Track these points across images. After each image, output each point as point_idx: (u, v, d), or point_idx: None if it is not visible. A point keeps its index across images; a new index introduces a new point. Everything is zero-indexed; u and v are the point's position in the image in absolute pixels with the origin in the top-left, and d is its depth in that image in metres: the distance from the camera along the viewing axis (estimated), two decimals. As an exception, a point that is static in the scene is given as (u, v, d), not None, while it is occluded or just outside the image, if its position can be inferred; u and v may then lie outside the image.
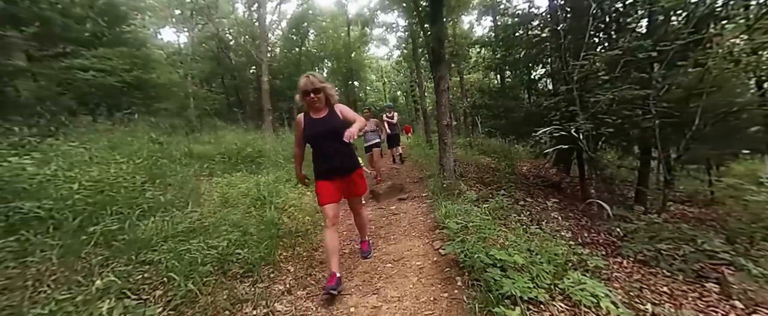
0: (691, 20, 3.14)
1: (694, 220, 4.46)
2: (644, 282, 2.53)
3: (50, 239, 2.19)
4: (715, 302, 2.32)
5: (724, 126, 4.23)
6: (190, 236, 2.70)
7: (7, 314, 1.64)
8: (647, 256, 2.91)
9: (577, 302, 1.97)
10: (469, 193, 4.20)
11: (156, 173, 3.85)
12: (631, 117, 3.30)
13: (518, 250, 2.41)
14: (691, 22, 3.10)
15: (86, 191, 2.71)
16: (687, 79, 3.86)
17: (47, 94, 4.97)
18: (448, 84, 4.89)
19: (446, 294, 2.26)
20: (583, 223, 4.20)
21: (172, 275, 2.18)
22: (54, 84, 5.24)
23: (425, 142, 10.91)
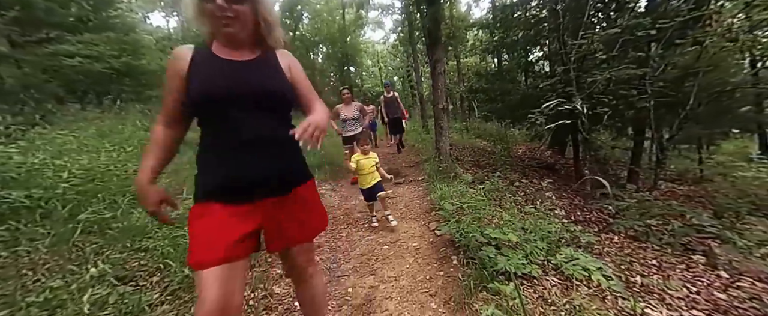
0: (690, -1, 3.09)
1: (683, 197, 4.55)
2: (634, 256, 2.59)
3: (41, 228, 2.17)
4: (701, 272, 2.38)
5: (717, 106, 4.26)
6: (185, 222, 2.68)
7: (0, 303, 1.63)
8: (638, 231, 2.97)
9: (570, 276, 2.01)
10: (464, 175, 4.22)
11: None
12: (627, 97, 3.29)
13: (513, 228, 2.44)
14: (690, 0, 3.06)
15: (76, 179, 2.67)
16: (683, 59, 3.84)
17: (33, 81, 4.82)
18: (444, 67, 4.82)
19: (442, 273, 2.30)
20: (576, 202, 4.25)
21: (168, 262, 2.18)
22: (39, 71, 5.07)
23: (421, 127, 10.87)
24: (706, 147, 6.33)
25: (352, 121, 4.56)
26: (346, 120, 4.55)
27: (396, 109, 6.63)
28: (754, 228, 3.21)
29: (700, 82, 3.61)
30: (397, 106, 6.61)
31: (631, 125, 4.86)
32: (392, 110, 6.67)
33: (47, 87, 5.05)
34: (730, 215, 3.57)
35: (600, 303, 1.82)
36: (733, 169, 5.57)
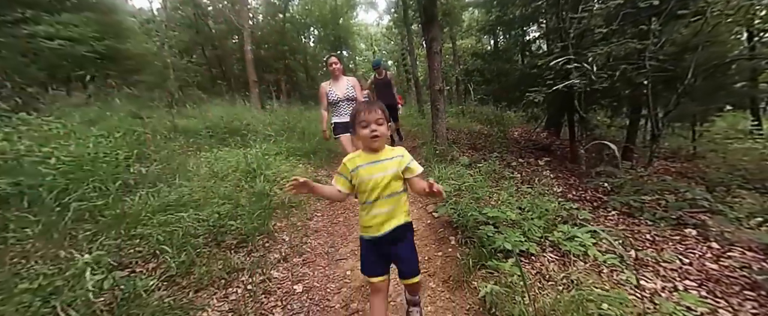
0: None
1: (676, 174, 4.62)
2: (628, 231, 2.63)
3: (30, 216, 2.12)
4: (693, 244, 2.43)
5: (713, 81, 4.25)
6: (180, 209, 2.66)
7: (-6, 290, 1.61)
8: (632, 208, 3.00)
9: (567, 252, 2.03)
10: (461, 158, 4.21)
11: (139, 148, 3.72)
12: (625, 73, 3.25)
13: (510, 208, 2.45)
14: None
15: (65, 166, 2.60)
16: (682, 34, 3.78)
17: (12, 64, 4.61)
18: (440, 46, 4.69)
19: (440, 253, 2.31)
20: (571, 182, 4.28)
21: (164, 248, 2.16)
22: (18, 54, 4.85)
23: (417, 112, 10.78)
24: (699, 124, 6.38)
25: (345, 103, 3.37)
26: (336, 102, 3.36)
27: (389, 95, 5.36)
28: (744, 201, 3.29)
29: (698, 56, 3.57)
30: (390, 91, 5.42)
31: (627, 104, 4.84)
32: (385, 95, 5.32)
33: (29, 71, 4.84)
34: (721, 190, 3.66)
35: (596, 277, 1.84)
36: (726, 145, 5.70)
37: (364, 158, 1.33)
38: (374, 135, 1.28)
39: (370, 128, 1.28)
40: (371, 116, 1.28)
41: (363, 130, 1.29)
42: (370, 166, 1.31)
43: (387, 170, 1.31)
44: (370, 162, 1.31)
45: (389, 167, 1.31)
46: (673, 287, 1.89)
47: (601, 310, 1.52)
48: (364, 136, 1.29)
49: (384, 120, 1.30)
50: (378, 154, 1.33)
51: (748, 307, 1.73)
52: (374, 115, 1.28)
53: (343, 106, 3.45)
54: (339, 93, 3.40)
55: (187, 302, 1.79)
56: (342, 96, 3.40)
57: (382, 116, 1.30)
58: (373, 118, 1.28)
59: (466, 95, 12.65)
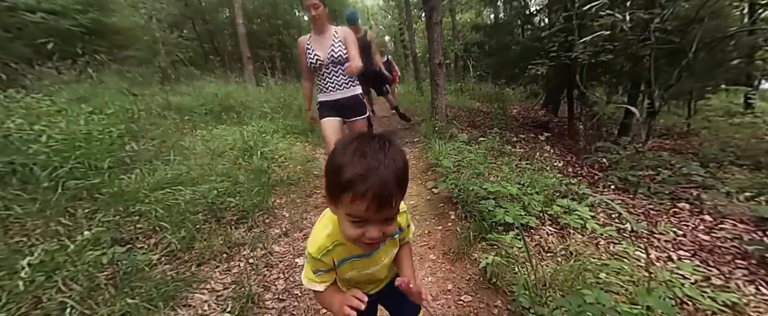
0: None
1: (671, 150, 4.67)
2: (624, 205, 2.67)
3: (25, 194, 2.09)
4: (687, 217, 2.49)
5: (712, 58, 4.21)
6: (178, 187, 2.64)
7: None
8: (628, 183, 3.04)
9: (566, 225, 2.06)
10: (461, 135, 4.18)
11: (133, 125, 3.65)
12: (630, 45, 3.17)
13: (510, 183, 2.46)
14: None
15: (57, 144, 2.55)
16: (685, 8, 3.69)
17: (-5, 41, 4.42)
18: (440, 17, 4.51)
19: (440, 227, 2.34)
20: (568, 158, 4.30)
21: (164, 224, 2.16)
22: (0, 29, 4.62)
23: (416, 89, 10.61)
24: (695, 101, 6.41)
25: (332, 69, 2.35)
26: (317, 67, 2.34)
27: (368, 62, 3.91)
28: (735, 176, 3.35)
29: (703, 28, 3.50)
30: (370, 58, 4.16)
31: (627, 79, 4.79)
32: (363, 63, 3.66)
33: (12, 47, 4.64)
34: (713, 166, 3.72)
35: (594, 249, 1.88)
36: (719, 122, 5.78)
37: (347, 249, 0.74)
38: (371, 243, 0.63)
39: (364, 231, 0.60)
40: (375, 214, 0.57)
41: (349, 224, 0.61)
42: (359, 260, 0.78)
43: (384, 260, 0.81)
44: (358, 255, 0.76)
45: (387, 254, 0.81)
46: (668, 257, 1.94)
47: (599, 279, 1.55)
48: (348, 234, 0.63)
49: (399, 203, 0.62)
50: None
51: (738, 275, 1.78)
52: (384, 211, 0.57)
53: (328, 75, 2.34)
54: (320, 53, 2.28)
55: (189, 275, 1.81)
56: (325, 58, 2.28)
57: (398, 203, 0.60)
58: (378, 217, 0.58)
59: (465, 72, 12.42)
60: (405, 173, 0.60)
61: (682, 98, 6.04)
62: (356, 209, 0.56)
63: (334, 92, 2.43)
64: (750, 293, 1.63)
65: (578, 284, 1.50)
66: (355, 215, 0.58)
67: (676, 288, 1.52)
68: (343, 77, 2.43)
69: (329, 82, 2.40)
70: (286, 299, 1.73)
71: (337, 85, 2.42)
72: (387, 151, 0.57)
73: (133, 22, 6.77)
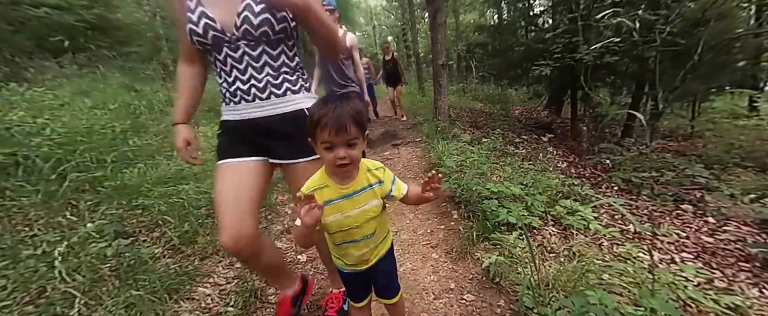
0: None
1: (674, 152, 4.66)
2: (628, 207, 2.66)
3: (28, 185, 2.10)
4: (690, 219, 2.48)
5: (717, 60, 4.20)
6: (181, 181, 2.64)
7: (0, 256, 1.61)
8: (631, 184, 3.04)
9: (569, 225, 2.05)
10: (463, 135, 4.18)
11: (135, 121, 3.65)
12: (635, 46, 3.17)
13: (513, 183, 2.45)
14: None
15: (60, 137, 2.55)
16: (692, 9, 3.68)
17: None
18: (444, 18, 4.51)
19: (443, 226, 2.33)
20: (571, 160, 4.30)
21: (167, 218, 2.17)
22: (3, 22, 4.63)
23: (418, 90, 10.61)
24: (699, 103, 6.38)
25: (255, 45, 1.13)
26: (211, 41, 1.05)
27: None
28: (739, 179, 3.34)
29: (708, 31, 3.49)
30: None
31: (631, 81, 4.78)
32: None
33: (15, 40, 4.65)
34: (717, 168, 3.71)
35: (597, 250, 1.87)
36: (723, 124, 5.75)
37: (332, 190, 0.89)
38: (342, 163, 0.81)
39: (334, 153, 0.80)
40: (337, 137, 0.78)
41: (325, 152, 0.82)
42: (341, 202, 0.89)
43: (364, 205, 0.91)
44: (340, 197, 0.89)
45: (367, 200, 0.92)
46: (671, 259, 1.93)
47: (602, 280, 1.55)
48: (328, 162, 0.83)
49: (360, 136, 0.82)
50: (350, 184, 0.89)
51: (742, 277, 1.78)
52: (343, 135, 0.78)
53: None
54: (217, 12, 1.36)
55: (192, 269, 1.81)
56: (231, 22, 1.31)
57: (357, 133, 0.80)
58: (340, 140, 0.79)
59: (468, 72, 12.44)
60: (358, 113, 0.82)
61: (686, 100, 6.02)
62: (324, 136, 0.79)
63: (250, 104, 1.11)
64: (754, 296, 1.63)
65: (581, 284, 1.49)
66: (325, 140, 0.79)
67: (679, 290, 1.51)
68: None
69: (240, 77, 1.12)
70: (288, 295, 1.73)
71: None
72: (344, 101, 0.82)
73: (137, 18, 6.77)
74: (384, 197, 0.95)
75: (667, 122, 6.52)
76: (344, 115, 0.79)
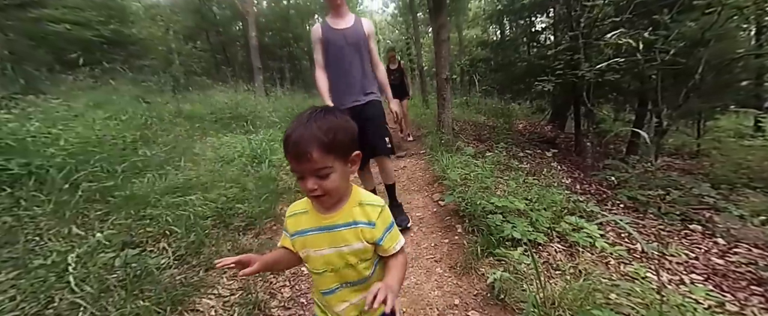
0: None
1: (680, 170, 4.62)
2: (634, 225, 2.63)
3: (41, 195, 2.14)
4: (699, 239, 2.45)
5: (719, 79, 4.22)
6: (188, 192, 2.68)
7: (9, 266, 1.64)
8: (637, 202, 3.01)
9: (574, 242, 2.04)
10: (467, 148, 4.20)
11: (146, 132, 3.74)
12: (636, 65, 3.21)
13: (517, 198, 2.45)
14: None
15: (73, 147, 2.62)
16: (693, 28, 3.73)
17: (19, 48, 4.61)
18: (448, 34, 4.61)
19: (447, 240, 2.33)
20: (575, 175, 4.28)
21: (174, 228, 2.19)
22: (25, 37, 4.84)
23: (422, 102, 10.70)
24: (704, 122, 6.36)
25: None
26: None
27: None
28: (748, 200, 3.29)
29: (709, 51, 3.53)
30: None
31: (634, 98, 4.80)
32: None
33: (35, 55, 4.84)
34: (725, 188, 3.66)
35: (603, 268, 1.85)
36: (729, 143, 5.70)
37: (311, 218, 0.76)
38: (314, 195, 0.68)
39: (303, 184, 0.67)
40: (299, 165, 0.65)
41: (299, 183, 0.70)
42: (316, 235, 0.75)
43: (342, 245, 0.74)
44: (318, 228, 0.75)
45: (347, 241, 0.74)
46: (680, 280, 1.90)
47: (609, 300, 1.53)
48: (304, 191, 0.70)
49: (335, 162, 0.67)
50: (332, 215, 0.75)
51: (755, 302, 1.74)
52: (305, 163, 0.64)
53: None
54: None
55: (197, 280, 1.82)
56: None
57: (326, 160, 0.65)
58: (305, 169, 0.65)
59: (471, 86, 12.57)
60: (328, 132, 0.66)
61: (690, 118, 6.02)
62: (290, 164, 0.68)
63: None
64: (766, 319, 1.59)
65: (588, 304, 1.47)
66: (292, 169, 0.69)
67: (689, 313, 1.49)
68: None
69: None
70: (291, 307, 1.73)
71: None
72: (313, 117, 0.67)
73: (151, 33, 7.02)
74: (372, 243, 0.75)
75: (672, 140, 6.49)
76: (306, 138, 0.63)
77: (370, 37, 2.15)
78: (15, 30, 4.67)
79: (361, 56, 2.12)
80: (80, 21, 5.36)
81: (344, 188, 0.74)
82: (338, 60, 2.09)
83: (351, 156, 0.72)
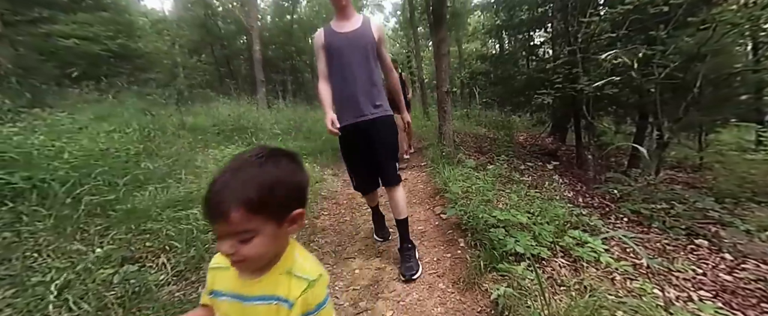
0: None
1: (684, 184, 4.59)
2: (639, 240, 2.60)
3: (42, 209, 2.14)
4: (705, 255, 2.41)
5: (719, 92, 4.24)
6: (189, 205, 2.67)
7: (7, 283, 1.62)
8: (641, 216, 2.98)
9: (578, 257, 2.01)
10: (468, 161, 4.20)
11: (149, 144, 3.76)
12: (633, 79, 3.24)
13: (520, 211, 2.44)
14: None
15: (76, 160, 2.63)
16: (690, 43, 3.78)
17: (28, 62, 4.71)
18: (448, 48, 4.69)
19: (449, 255, 2.30)
20: (578, 188, 4.26)
21: (174, 243, 2.17)
22: (35, 52, 4.95)
23: (422, 114, 10.78)
24: (705, 135, 6.36)
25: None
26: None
27: None
28: (754, 214, 3.25)
29: (706, 65, 3.57)
30: None
31: (634, 111, 4.82)
32: None
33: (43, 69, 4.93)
34: (730, 202, 3.62)
35: (609, 284, 1.82)
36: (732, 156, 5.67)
37: (230, 279, 0.62)
38: (234, 261, 0.56)
39: (220, 245, 0.55)
40: (216, 225, 0.53)
41: None
42: (231, 303, 0.62)
43: None
44: (233, 294, 0.62)
45: None
46: (688, 297, 1.87)
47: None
48: None
49: (263, 224, 0.54)
50: (253, 281, 0.60)
51: (765, 318, 1.70)
52: (222, 224, 0.52)
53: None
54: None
55: (197, 297, 1.79)
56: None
57: (250, 223, 0.52)
58: (223, 231, 0.53)
59: (471, 99, 12.67)
60: (261, 188, 0.52)
61: (691, 131, 6.02)
62: (206, 213, 0.55)
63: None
64: (778, 337, 1.55)
65: (594, 320, 1.44)
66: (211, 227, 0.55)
67: (698, 330, 1.45)
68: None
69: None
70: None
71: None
72: (244, 166, 0.54)
73: (157, 47, 7.15)
74: None
75: (675, 153, 6.47)
76: (224, 195, 0.51)
77: (381, 40, 1.85)
78: (25, 45, 4.78)
79: (368, 63, 1.82)
80: (89, 36, 5.49)
81: (274, 253, 0.58)
82: (342, 67, 1.78)
83: (290, 215, 0.57)
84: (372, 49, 1.82)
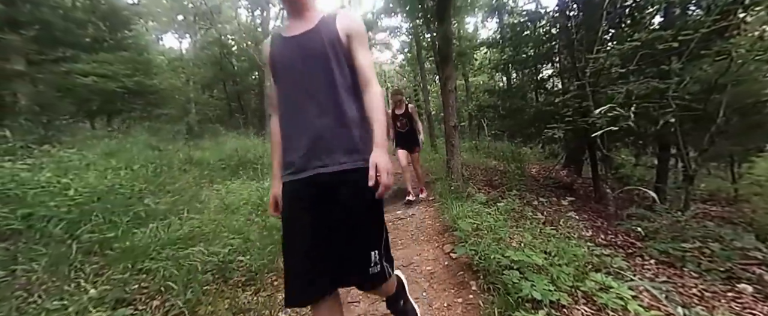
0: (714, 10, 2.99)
1: (718, 218, 4.27)
2: (671, 284, 2.37)
3: (41, 247, 2.08)
4: (751, 303, 2.15)
5: (747, 121, 4.06)
6: (189, 243, 2.59)
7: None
8: (672, 256, 2.74)
9: (603, 305, 1.82)
10: (478, 195, 4.06)
11: (154, 180, 3.76)
12: (648, 113, 3.15)
13: (535, 251, 2.27)
14: (714, 11, 2.95)
15: (81, 197, 2.61)
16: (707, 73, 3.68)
17: (45, 99, 4.92)
18: (454, 84, 4.75)
19: (461, 299, 2.12)
20: (598, 224, 4.03)
21: (170, 284, 2.07)
22: (53, 89, 5.19)
23: (430, 147, 10.76)
24: (738, 165, 5.99)
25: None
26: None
27: None
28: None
29: (728, 95, 3.46)
30: None
31: (654, 142, 4.65)
32: None
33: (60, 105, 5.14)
34: (773, 238, 3.32)
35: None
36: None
37: None
38: None
39: None
40: None
41: None
42: None
43: None
44: None
45: None
46: (735, 353, 1.63)
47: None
48: None
49: None
50: None
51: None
52: None
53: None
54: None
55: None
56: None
57: None
58: None
59: (480, 130, 12.66)
60: None
61: (721, 161, 5.69)
62: None
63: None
64: None
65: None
66: None
67: None
68: None
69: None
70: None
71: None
72: None
73: (171, 84, 7.46)
74: None
75: (705, 185, 6.12)
76: None
77: (352, 36, 1.15)
78: (45, 82, 5.03)
79: (331, 76, 1.11)
80: (107, 74, 5.78)
81: None
82: (292, 88, 1.15)
83: None
84: (337, 52, 1.12)
